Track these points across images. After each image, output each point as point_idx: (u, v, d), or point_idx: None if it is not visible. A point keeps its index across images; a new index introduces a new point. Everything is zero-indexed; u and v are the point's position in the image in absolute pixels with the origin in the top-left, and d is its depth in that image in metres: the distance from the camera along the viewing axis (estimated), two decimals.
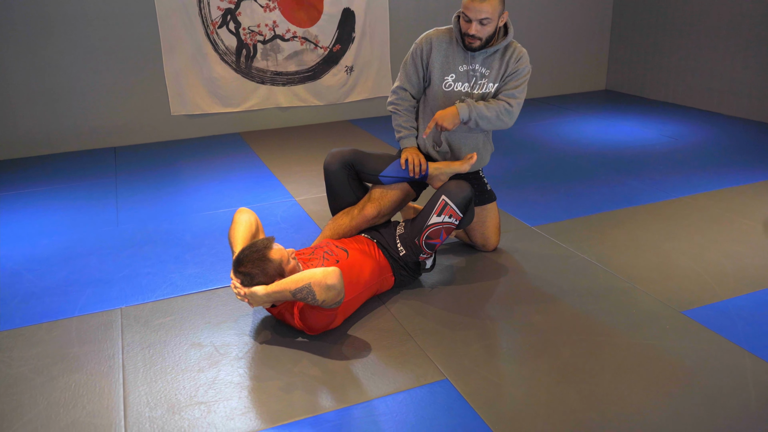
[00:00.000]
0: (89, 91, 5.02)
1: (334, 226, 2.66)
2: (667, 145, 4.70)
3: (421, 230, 2.45)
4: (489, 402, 1.89)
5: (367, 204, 2.64)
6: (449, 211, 2.40)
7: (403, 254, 2.51)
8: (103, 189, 4.08)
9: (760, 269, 2.69)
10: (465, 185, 2.45)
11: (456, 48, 2.64)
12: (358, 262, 2.38)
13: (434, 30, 2.70)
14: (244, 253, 2.16)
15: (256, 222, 2.43)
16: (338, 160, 2.64)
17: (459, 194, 2.42)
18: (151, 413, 1.89)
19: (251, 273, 2.12)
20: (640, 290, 2.55)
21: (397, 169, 2.65)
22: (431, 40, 2.66)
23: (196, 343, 2.26)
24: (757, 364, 2.04)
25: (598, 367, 2.05)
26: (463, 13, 2.51)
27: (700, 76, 5.86)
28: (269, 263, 2.13)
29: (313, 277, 2.02)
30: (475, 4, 2.46)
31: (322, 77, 5.72)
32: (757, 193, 3.60)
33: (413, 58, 2.70)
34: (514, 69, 2.66)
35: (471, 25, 2.50)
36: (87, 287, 2.71)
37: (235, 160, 4.66)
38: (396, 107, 2.77)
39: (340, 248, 2.43)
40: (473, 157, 2.62)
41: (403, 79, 2.74)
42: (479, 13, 2.46)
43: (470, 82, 2.66)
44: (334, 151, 2.67)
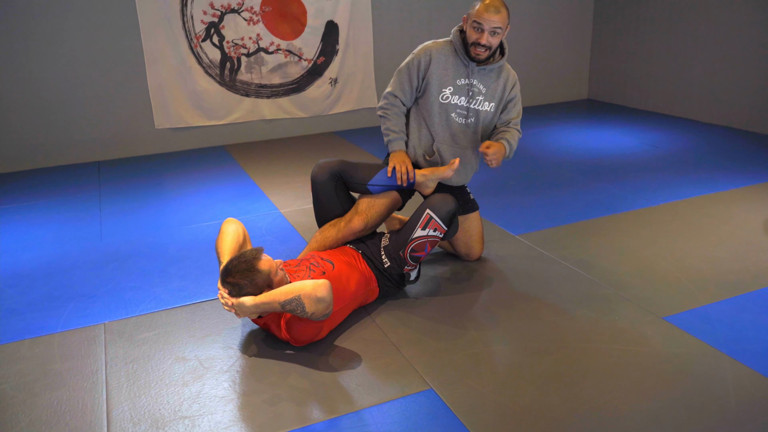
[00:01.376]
0: (72, 104, 5.00)
1: (320, 238, 2.66)
2: (648, 153, 4.76)
3: (405, 243, 2.46)
4: (473, 410, 1.90)
5: (354, 217, 2.64)
6: (434, 224, 2.42)
7: (388, 266, 2.52)
8: (86, 203, 4.06)
9: (740, 274, 2.73)
10: (449, 199, 2.47)
11: (455, 61, 2.67)
12: (344, 273, 2.38)
13: (433, 42, 2.71)
14: (232, 264, 2.15)
15: (244, 232, 2.43)
16: (326, 171, 2.63)
17: (443, 208, 2.43)
18: (135, 429, 1.88)
19: (239, 283, 2.12)
20: (621, 296, 2.58)
21: (385, 177, 2.66)
22: (431, 52, 2.67)
23: (181, 357, 2.25)
24: (737, 368, 2.07)
25: (581, 374, 2.07)
26: (475, 21, 2.53)
27: (680, 84, 5.95)
28: (258, 274, 2.13)
29: (302, 290, 2.03)
30: (490, 14, 2.49)
31: (306, 89, 5.74)
32: (737, 199, 3.66)
33: (409, 68, 2.70)
34: (511, 96, 2.77)
35: (483, 35, 2.53)
36: (70, 302, 2.69)
37: (220, 173, 4.66)
38: (385, 111, 2.77)
39: (326, 260, 2.44)
40: (455, 162, 2.65)
41: (396, 86, 2.75)
42: (492, 23, 2.50)
43: (467, 96, 2.70)
44: (322, 162, 2.67)
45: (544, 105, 6.81)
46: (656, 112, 6.22)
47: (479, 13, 2.52)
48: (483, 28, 2.52)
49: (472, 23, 2.55)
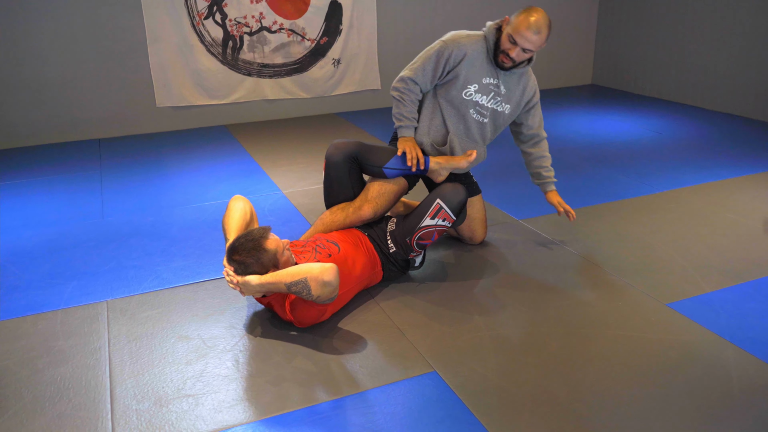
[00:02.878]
0: (73, 81, 4.95)
1: (327, 221, 2.63)
2: (653, 140, 4.74)
3: (413, 230, 2.44)
4: (477, 394, 1.91)
5: (365, 204, 2.60)
6: (443, 214, 2.39)
7: (393, 251, 2.51)
8: (87, 181, 4.04)
9: (744, 262, 2.73)
10: (460, 189, 2.43)
11: (484, 59, 2.61)
12: (350, 256, 2.38)
13: (466, 36, 2.61)
14: (239, 242, 2.14)
15: (251, 210, 2.42)
16: (342, 152, 2.59)
17: (454, 198, 2.40)
18: (138, 406, 1.88)
19: (245, 262, 2.11)
20: (625, 283, 2.57)
21: (400, 162, 2.62)
22: (465, 48, 2.58)
23: (184, 335, 2.25)
24: (739, 355, 2.07)
25: (584, 359, 2.07)
26: (511, 36, 2.47)
27: (685, 70, 5.91)
28: (264, 253, 2.12)
29: (310, 272, 2.02)
30: (529, 35, 2.44)
31: (309, 70, 5.70)
32: (741, 187, 3.65)
33: (438, 58, 2.59)
34: (532, 102, 2.77)
35: (514, 49, 2.49)
36: (72, 280, 2.69)
37: (222, 153, 4.63)
38: (401, 95, 2.67)
39: (332, 242, 2.42)
40: (473, 154, 2.63)
41: (419, 73, 2.63)
42: (528, 44, 2.46)
43: (488, 95, 2.66)
44: (338, 143, 2.62)
45: (548, 90, 6.77)
46: (661, 99, 6.19)
47: (519, 28, 2.44)
48: (517, 43, 2.47)
49: (509, 36, 2.48)
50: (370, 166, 2.63)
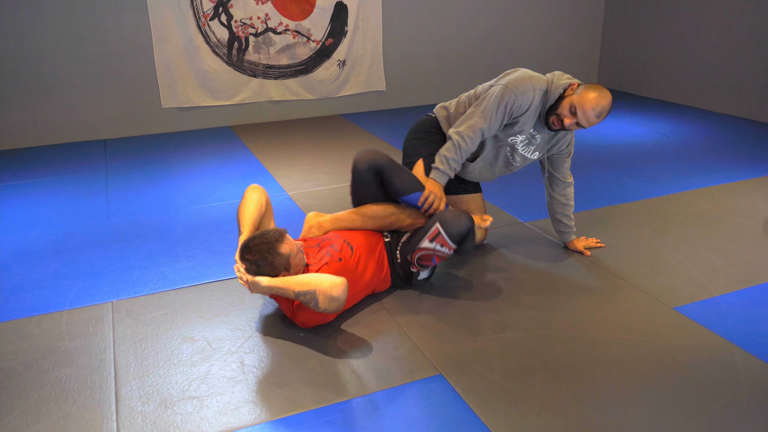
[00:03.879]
0: (78, 82, 4.96)
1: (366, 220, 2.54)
2: (659, 142, 4.72)
3: (413, 249, 2.41)
4: (482, 397, 1.90)
5: (417, 221, 2.53)
6: (442, 240, 2.31)
7: (399, 262, 2.49)
8: (93, 182, 4.04)
9: (751, 266, 2.71)
10: (464, 218, 2.33)
11: (538, 112, 2.56)
12: (361, 262, 2.36)
13: (532, 88, 2.49)
14: (254, 242, 2.14)
15: (266, 201, 2.42)
16: (367, 164, 2.46)
17: (454, 227, 2.30)
18: (143, 408, 1.88)
19: (258, 263, 2.12)
20: (632, 286, 2.56)
21: (417, 200, 2.50)
22: (530, 102, 2.50)
23: (189, 337, 2.25)
24: (747, 360, 2.05)
25: (591, 363, 2.06)
26: (575, 107, 2.41)
27: (692, 73, 5.89)
28: (278, 256, 2.12)
29: (319, 285, 2.01)
30: (591, 116, 2.41)
31: (314, 71, 5.70)
32: (748, 190, 3.63)
33: (506, 109, 2.49)
34: (569, 152, 2.75)
35: (571, 120, 2.45)
36: (77, 280, 2.69)
37: (227, 154, 4.63)
38: (465, 144, 2.52)
39: (347, 244, 2.38)
40: (488, 220, 2.60)
41: (494, 126, 2.52)
42: (586, 122, 2.44)
43: (525, 143, 2.65)
44: (369, 151, 2.49)
45: None
46: (667, 101, 6.16)
47: (585, 105, 2.39)
48: (576, 117, 2.43)
49: (572, 105, 2.43)
50: (388, 186, 2.50)
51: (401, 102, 6.19)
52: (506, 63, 6.48)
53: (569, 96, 2.47)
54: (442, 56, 6.19)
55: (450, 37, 6.15)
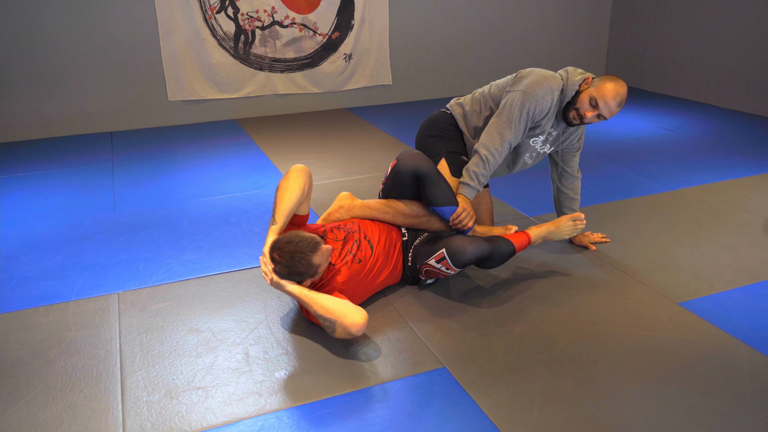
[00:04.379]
0: (85, 74, 4.98)
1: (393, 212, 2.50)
2: (666, 137, 4.70)
3: (422, 261, 2.39)
4: (486, 390, 1.90)
5: (441, 227, 2.53)
6: (446, 264, 2.31)
7: (410, 265, 2.47)
8: (99, 174, 4.06)
9: (757, 262, 2.70)
10: (471, 248, 2.28)
11: (555, 111, 2.55)
12: (378, 264, 2.34)
13: (549, 90, 2.47)
14: (288, 247, 2.05)
15: (308, 187, 2.30)
16: (412, 168, 2.39)
17: (459, 258, 2.27)
18: (149, 398, 1.89)
19: (288, 268, 2.06)
20: (637, 281, 2.56)
21: (448, 214, 2.46)
22: (550, 103, 2.49)
23: (194, 328, 2.26)
24: (752, 355, 2.05)
25: (594, 357, 2.06)
26: (595, 100, 2.42)
27: (699, 68, 5.86)
28: (309, 267, 2.06)
29: (343, 318, 2.00)
30: (613, 105, 2.43)
31: (320, 64, 5.69)
32: (754, 186, 3.61)
33: (529, 115, 2.48)
34: (579, 146, 2.76)
35: (592, 112, 2.45)
36: (83, 272, 2.70)
37: (233, 147, 4.64)
38: (493, 158, 2.51)
39: (368, 242, 2.34)
40: (512, 228, 2.57)
41: (519, 134, 2.50)
42: (608, 113, 2.45)
43: (543, 141, 2.64)
44: (415, 155, 2.41)
45: None
46: (674, 96, 6.13)
47: (606, 95, 2.41)
48: (598, 108, 2.44)
49: (592, 98, 2.43)
50: (424, 194, 2.45)
51: (407, 96, 6.18)
52: (513, 58, 6.46)
53: (586, 90, 2.47)
54: (448, 51, 6.18)
55: (456, 31, 6.13)
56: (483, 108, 2.66)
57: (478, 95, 2.71)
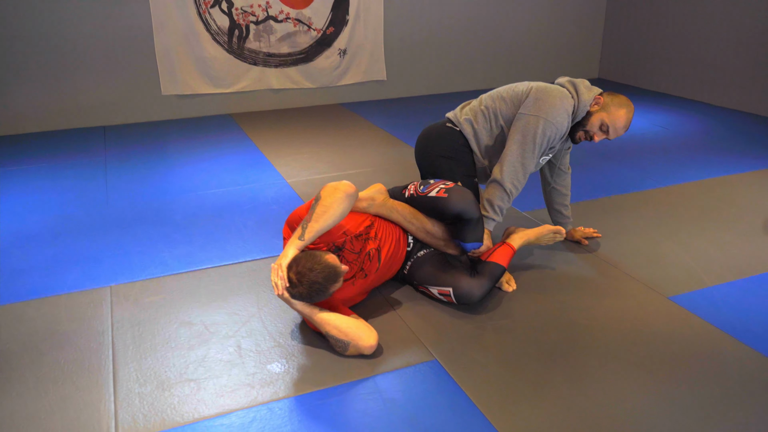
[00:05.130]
0: (78, 68, 4.96)
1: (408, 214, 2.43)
2: (658, 134, 4.72)
3: (422, 283, 2.39)
4: (477, 383, 1.92)
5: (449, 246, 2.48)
6: (448, 299, 2.33)
7: (406, 273, 2.46)
8: (92, 167, 4.05)
9: (746, 257, 2.72)
10: (477, 293, 2.28)
11: (567, 131, 2.53)
12: (380, 273, 2.33)
13: (566, 114, 2.44)
14: (309, 276, 1.93)
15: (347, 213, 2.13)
16: (459, 210, 2.29)
17: (465, 299, 2.29)
18: (141, 389, 1.90)
19: (302, 294, 1.96)
20: (627, 276, 2.58)
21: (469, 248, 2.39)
22: (564, 126, 2.46)
23: (186, 321, 2.26)
24: (740, 350, 2.07)
25: (585, 351, 2.08)
26: (606, 125, 2.44)
27: (692, 66, 5.88)
28: (325, 295, 1.99)
29: (358, 339, 2.00)
30: (622, 133, 2.48)
31: (314, 60, 5.69)
32: (745, 183, 3.64)
33: (549, 141, 2.45)
34: (571, 145, 2.74)
35: (601, 137, 2.48)
36: (76, 265, 2.70)
37: (227, 141, 4.64)
38: (517, 191, 2.50)
39: (378, 254, 2.29)
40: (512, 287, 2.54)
41: (537, 159, 2.48)
42: (615, 137, 2.49)
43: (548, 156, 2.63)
44: (466, 198, 2.30)
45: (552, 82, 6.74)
46: (667, 94, 6.16)
47: (617, 124, 2.43)
48: (609, 135, 2.46)
49: (603, 124, 2.44)
50: (459, 229, 2.37)
51: (402, 92, 6.19)
52: (508, 54, 6.47)
53: (597, 112, 2.47)
54: (442, 46, 6.18)
55: (451, 27, 6.14)
56: (494, 126, 2.57)
57: (485, 109, 2.59)
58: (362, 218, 2.32)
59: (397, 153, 4.31)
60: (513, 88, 2.59)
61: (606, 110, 2.45)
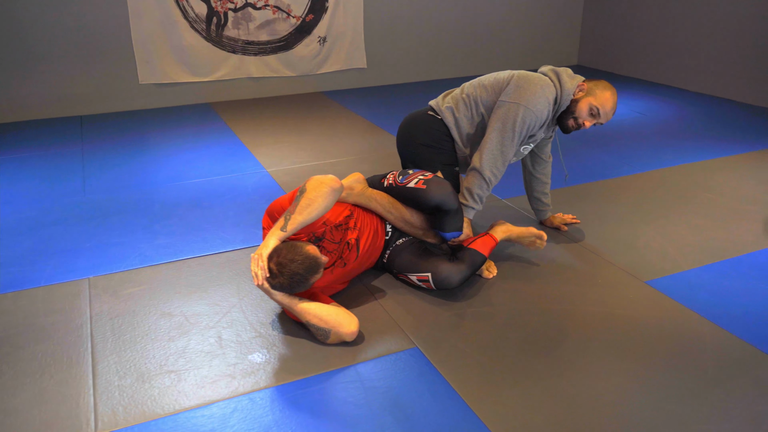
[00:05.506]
0: (54, 57, 4.87)
1: (386, 204, 2.42)
2: (636, 120, 4.76)
3: (400, 270, 2.40)
4: (457, 369, 1.93)
5: (428, 235, 2.48)
6: (427, 285, 2.34)
7: (385, 262, 2.46)
8: (69, 158, 3.99)
9: (721, 241, 2.77)
10: (456, 277, 2.29)
11: (549, 119, 2.52)
12: (358, 265, 2.33)
13: (546, 102, 2.43)
14: (290, 267, 1.93)
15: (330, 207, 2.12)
16: (438, 201, 2.29)
17: (444, 284, 2.29)
18: (121, 382, 1.89)
19: (282, 285, 1.96)
20: (606, 261, 2.61)
21: (449, 237, 2.40)
22: (545, 113, 2.46)
23: (166, 312, 2.25)
24: (715, 331, 2.11)
25: (564, 336, 2.10)
26: (596, 108, 2.43)
27: (671, 52, 5.93)
28: (305, 286, 1.99)
29: (339, 327, 2.00)
30: (611, 115, 2.49)
31: (294, 47, 5.64)
32: (721, 168, 3.69)
33: (528, 128, 2.45)
34: (552, 135, 2.76)
35: (591, 122, 2.48)
36: (53, 257, 2.67)
37: (206, 131, 4.59)
38: (496, 179, 2.51)
39: (357, 244, 2.29)
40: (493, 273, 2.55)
41: (517, 147, 2.49)
42: (606, 120, 2.49)
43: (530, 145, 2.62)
44: (444, 189, 2.30)
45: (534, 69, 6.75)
46: (645, 80, 6.21)
47: (606, 105, 2.44)
48: (600, 117, 2.46)
49: (592, 107, 2.44)
50: (438, 219, 2.37)
51: (382, 80, 6.16)
52: (488, 42, 6.46)
53: (583, 98, 2.47)
54: (423, 34, 6.16)
55: (431, 14, 6.11)
56: (474, 114, 2.56)
57: (466, 97, 2.58)
58: (342, 208, 2.31)
59: (378, 141, 4.30)
60: (495, 76, 2.58)
61: (591, 94, 2.46)
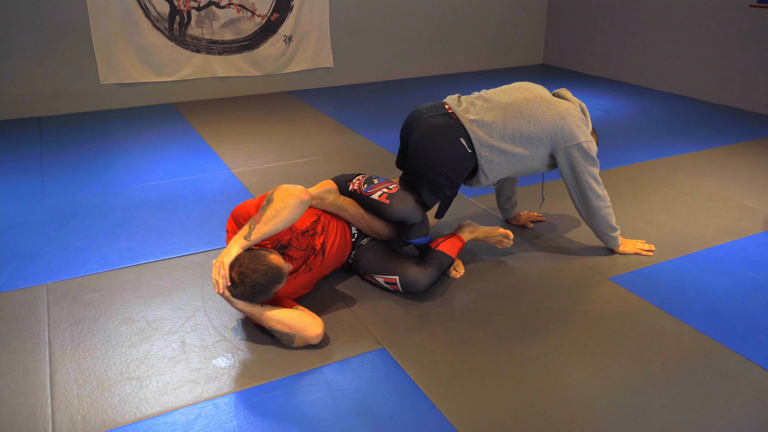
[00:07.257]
0: (10, 55, 4.73)
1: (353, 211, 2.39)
2: (600, 119, 4.83)
3: (366, 272, 2.38)
4: (424, 369, 1.93)
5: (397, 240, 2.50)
6: (395, 288, 2.33)
7: (350, 263, 2.45)
8: (26, 160, 3.88)
9: (681, 237, 2.82)
10: (423, 282, 2.29)
11: None
12: (324, 266, 2.31)
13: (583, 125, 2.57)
14: (252, 277, 1.89)
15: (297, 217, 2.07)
16: (402, 217, 2.29)
17: (411, 287, 2.29)
18: (80, 390, 1.84)
19: (244, 294, 1.92)
20: (570, 258, 2.63)
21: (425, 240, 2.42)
22: None
23: (128, 318, 2.20)
24: (676, 326, 2.15)
25: (529, 332, 2.12)
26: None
27: (633, 52, 6.04)
28: (267, 296, 1.96)
29: (303, 330, 1.98)
30: None
31: (259, 47, 5.58)
32: (682, 165, 3.77)
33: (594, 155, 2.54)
34: None
35: None
36: (10, 262, 2.59)
37: (169, 131, 4.51)
38: (605, 195, 2.58)
39: (323, 249, 2.27)
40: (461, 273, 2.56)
41: (597, 173, 2.57)
42: None
43: None
44: (409, 205, 2.29)
45: (499, 69, 6.82)
46: (609, 79, 6.31)
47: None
48: None
49: None
50: (403, 229, 2.37)
51: (349, 79, 6.14)
52: (453, 41, 6.49)
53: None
54: (389, 33, 6.16)
55: (397, 13, 6.11)
56: (515, 159, 2.47)
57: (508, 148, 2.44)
58: (308, 212, 2.29)
59: (345, 141, 4.28)
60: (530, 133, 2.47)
61: None
